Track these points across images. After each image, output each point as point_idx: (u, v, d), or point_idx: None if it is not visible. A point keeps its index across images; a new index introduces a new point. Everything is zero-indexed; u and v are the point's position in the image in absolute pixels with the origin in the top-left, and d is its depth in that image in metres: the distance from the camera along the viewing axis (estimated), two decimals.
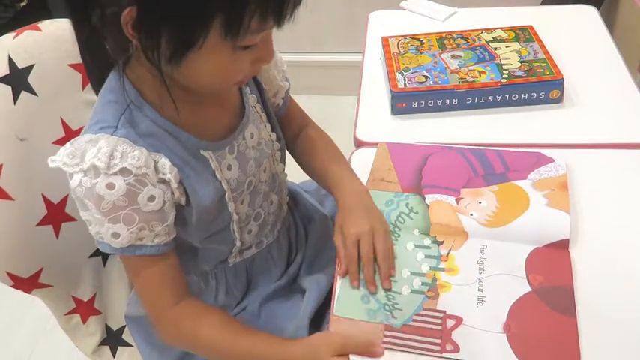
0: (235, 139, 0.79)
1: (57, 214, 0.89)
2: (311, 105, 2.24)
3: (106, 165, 0.66)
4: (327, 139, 0.96)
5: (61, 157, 0.68)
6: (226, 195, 0.78)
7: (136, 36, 0.63)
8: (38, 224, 0.86)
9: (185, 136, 0.73)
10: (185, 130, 0.73)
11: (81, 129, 0.89)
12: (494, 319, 0.71)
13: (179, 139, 0.73)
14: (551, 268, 0.76)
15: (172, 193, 0.72)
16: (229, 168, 0.78)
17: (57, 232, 0.89)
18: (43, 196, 0.87)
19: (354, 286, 0.77)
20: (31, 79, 0.85)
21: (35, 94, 0.85)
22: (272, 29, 0.66)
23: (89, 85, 0.89)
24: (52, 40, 0.88)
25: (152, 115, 0.71)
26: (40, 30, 0.88)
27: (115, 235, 0.70)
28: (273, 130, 0.87)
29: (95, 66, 0.74)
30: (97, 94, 0.78)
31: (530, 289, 0.73)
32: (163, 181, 0.71)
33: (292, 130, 0.96)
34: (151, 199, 0.70)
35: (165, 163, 0.70)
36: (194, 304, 0.78)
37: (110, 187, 0.67)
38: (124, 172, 0.67)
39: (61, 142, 0.89)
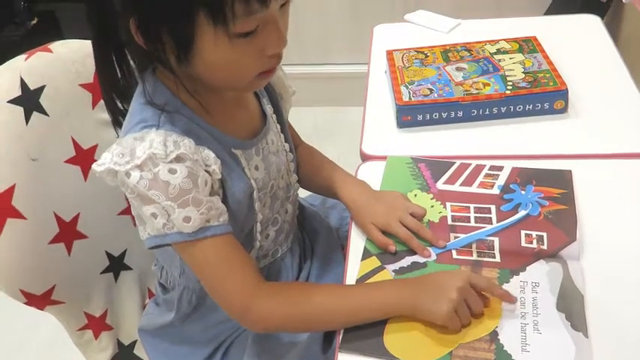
0: (260, 141, 0.83)
1: (69, 232, 0.90)
2: (318, 117, 2.28)
3: (163, 152, 0.69)
4: (319, 153, 1.00)
5: (110, 157, 0.70)
6: (254, 193, 0.81)
7: (143, 42, 0.69)
8: (50, 242, 0.88)
9: (219, 133, 0.77)
10: (218, 128, 0.77)
11: (92, 147, 0.93)
12: None
13: (214, 136, 0.76)
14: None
15: (213, 185, 0.75)
16: (257, 168, 0.82)
17: (69, 249, 0.91)
18: (55, 215, 0.88)
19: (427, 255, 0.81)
20: (43, 99, 0.86)
21: (46, 114, 0.87)
22: (270, 13, 0.67)
23: (99, 104, 0.92)
24: (62, 61, 0.90)
25: (188, 114, 0.75)
26: (50, 51, 0.90)
27: (187, 219, 0.71)
28: (286, 141, 0.90)
29: (113, 86, 0.77)
30: (110, 114, 0.79)
31: None
32: (207, 172, 0.74)
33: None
34: (206, 183, 0.73)
35: (209, 154, 0.74)
36: (272, 283, 0.80)
37: (172, 171, 0.70)
38: (180, 158, 0.70)
39: (72, 161, 0.90)
